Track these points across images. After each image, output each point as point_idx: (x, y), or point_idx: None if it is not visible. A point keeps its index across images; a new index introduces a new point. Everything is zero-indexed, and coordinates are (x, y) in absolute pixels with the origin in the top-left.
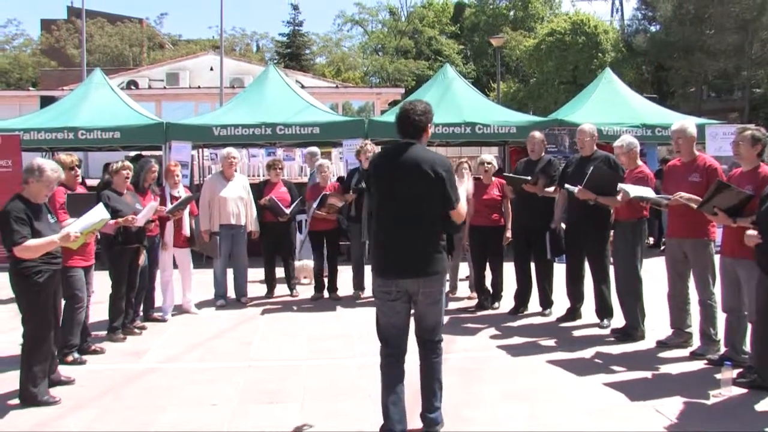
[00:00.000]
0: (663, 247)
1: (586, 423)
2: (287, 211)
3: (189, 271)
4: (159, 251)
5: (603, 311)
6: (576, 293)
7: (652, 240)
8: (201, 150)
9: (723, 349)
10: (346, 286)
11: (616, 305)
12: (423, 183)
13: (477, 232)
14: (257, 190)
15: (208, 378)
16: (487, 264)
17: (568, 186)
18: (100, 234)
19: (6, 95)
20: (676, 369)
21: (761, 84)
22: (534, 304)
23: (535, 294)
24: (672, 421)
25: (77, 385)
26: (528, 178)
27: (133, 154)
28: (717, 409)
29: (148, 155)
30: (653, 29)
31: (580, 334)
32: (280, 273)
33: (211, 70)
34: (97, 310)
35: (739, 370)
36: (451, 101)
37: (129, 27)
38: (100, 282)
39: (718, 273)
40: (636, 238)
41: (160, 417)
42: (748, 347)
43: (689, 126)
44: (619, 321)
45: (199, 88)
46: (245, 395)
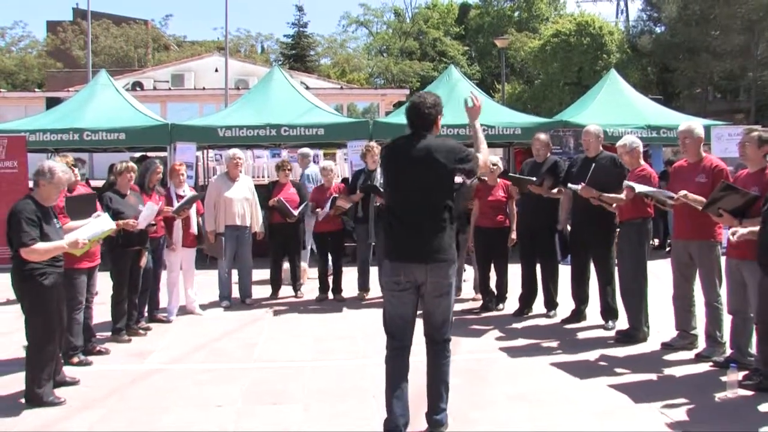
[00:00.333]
0: (668, 249)
1: (590, 425)
2: (295, 213)
3: (192, 271)
4: (164, 252)
5: (608, 313)
6: (581, 295)
7: (657, 241)
8: (206, 151)
9: (729, 352)
10: (351, 287)
11: (621, 307)
12: (435, 171)
13: (482, 233)
14: (266, 191)
15: (212, 379)
16: (492, 265)
17: (571, 185)
18: None
19: (12, 97)
20: (681, 371)
21: (767, 85)
22: (538, 305)
23: (540, 295)
24: (677, 424)
25: (82, 386)
26: (533, 179)
27: (138, 155)
28: (722, 412)
29: (153, 156)
30: (658, 30)
31: (584, 335)
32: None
33: (216, 71)
34: (101, 311)
35: (745, 372)
36: (456, 102)
37: (134, 28)
38: (103, 283)
39: (723, 275)
40: (641, 238)
41: (164, 418)
42: (754, 349)
43: (696, 126)
44: (625, 323)
45: (204, 89)
46: (250, 396)
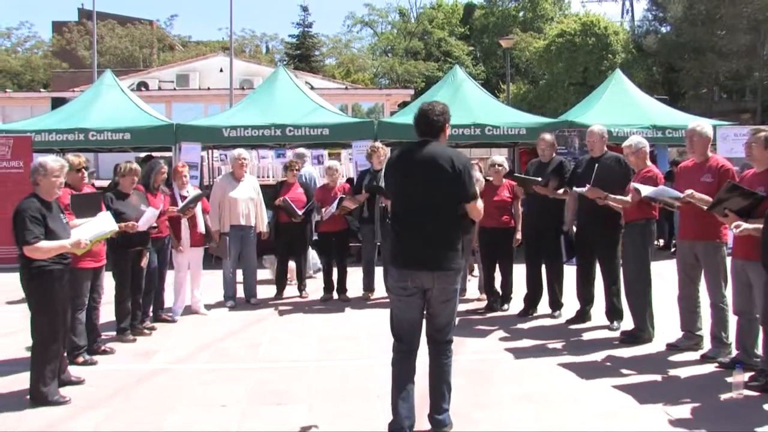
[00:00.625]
0: (674, 249)
1: (595, 425)
2: (300, 212)
3: (199, 271)
4: (169, 252)
5: (613, 313)
6: (586, 295)
7: (662, 242)
8: (211, 151)
9: (734, 353)
10: (355, 287)
11: (626, 307)
12: (440, 178)
13: (487, 233)
14: (274, 191)
15: (217, 379)
16: (497, 266)
17: (576, 189)
18: None
19: (18, 97)
20: (686, 372)
21: None
22: (543, 306)
23: (545, 296)
24: (682, 425)
25: (87, 385)
26: (539, 179)
27: (144, 155)
28: (728, 413)
29: (158, 156)
30: (664, 30)
31: (589, 336)
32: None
33: (221, 71)
34: (106, 310)
35: (751, 373)
36: (461, 103)
37: (139, 29)
38: (108, 283)
39: (729, 275)
40: (644, 239)
41: (169, 417)
42: (760, 350)
43: (705, 126)
44: (630, 323)
45: (209, 89)
46: (254, 396)
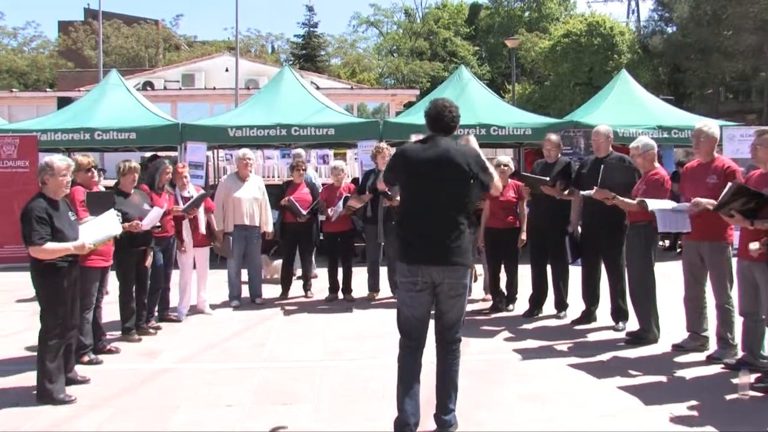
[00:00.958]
0: (679, 250)
1: (600, 426)
2: (305, 212)
3: (206, 271)
4: (174, 252)
5: (618, 314)
6: (591, 296)
7: (668, 242)
8: (216, 151)
9: (740, 354)
10: (360, 287)
11: (631, 308)
12: (452, 173)
13: (492, 234)
14: (280, 191)
15: (222, 378)
16: (502, 266)
17: (583, 192)
18: None
19: (24, 96)
20: (691, 373)
21: None
22: (549, 306)
23: (550, 296)
24: (687, 426)
25: (93, 385)
26: (546, 179)
27: (149, 154)
28: (733, 414)
29: (163, 156)
30: (670, 30)
31: (595, 337)
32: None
33: (227, 71)
34: (111, 310)
35: (757, 374)
36: (467, 103)
37: (145, 28)
38: (113, 282)
39: (735, 276)
40: (648, 240)
41: (174, 417)
42: (766, 351)
43: (712, 126)
44: (635, 324)
45: (215, 89)
46: (259, 396)
